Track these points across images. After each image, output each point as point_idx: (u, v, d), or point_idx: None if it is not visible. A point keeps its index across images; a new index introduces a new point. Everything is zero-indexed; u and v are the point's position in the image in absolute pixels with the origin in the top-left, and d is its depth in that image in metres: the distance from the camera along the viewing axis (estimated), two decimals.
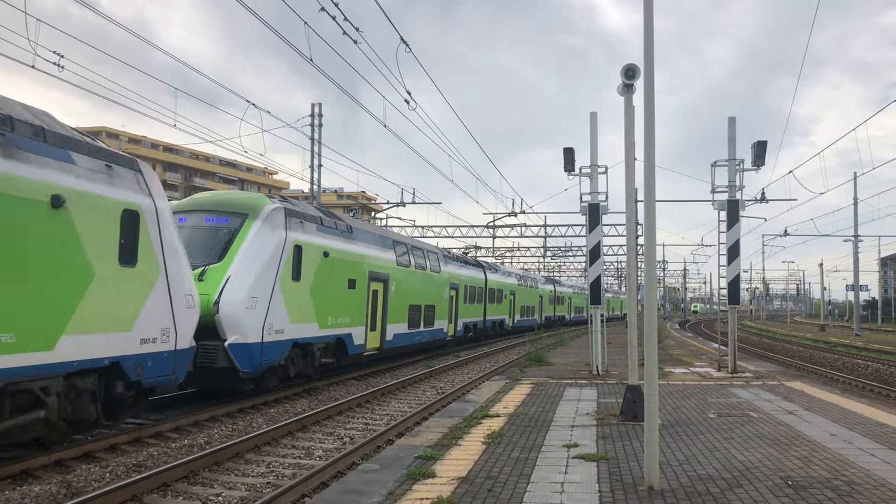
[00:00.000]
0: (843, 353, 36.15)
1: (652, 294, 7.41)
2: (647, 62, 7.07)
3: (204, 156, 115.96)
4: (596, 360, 17.74)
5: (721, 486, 6.75)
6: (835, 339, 48.77)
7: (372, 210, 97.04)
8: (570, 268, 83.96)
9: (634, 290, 12.63)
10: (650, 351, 6.96)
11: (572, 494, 6.47)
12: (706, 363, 21.28)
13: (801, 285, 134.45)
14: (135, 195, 10.52)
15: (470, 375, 20.98)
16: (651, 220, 7.25)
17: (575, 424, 10.23)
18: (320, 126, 29.95)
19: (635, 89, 10.77)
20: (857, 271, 56.58)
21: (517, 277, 44.79)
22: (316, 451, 10.52)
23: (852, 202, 51.87)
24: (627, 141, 10.87)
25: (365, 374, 20.37)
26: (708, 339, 41.25)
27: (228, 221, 14.76)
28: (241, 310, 13.63)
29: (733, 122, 17.48)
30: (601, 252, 17.42)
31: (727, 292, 17.54)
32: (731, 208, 17.34)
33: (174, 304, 11.18)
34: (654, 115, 7.08)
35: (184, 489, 8.27)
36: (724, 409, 11.75)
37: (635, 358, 10.75)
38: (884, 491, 6.60)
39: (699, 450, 8.45)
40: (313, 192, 30.55)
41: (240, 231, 14.51)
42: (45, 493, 7.75)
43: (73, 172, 9.35)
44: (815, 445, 8.72)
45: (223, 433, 11.55)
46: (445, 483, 6.87)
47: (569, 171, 17.13)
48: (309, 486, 8.13)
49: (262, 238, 14.63)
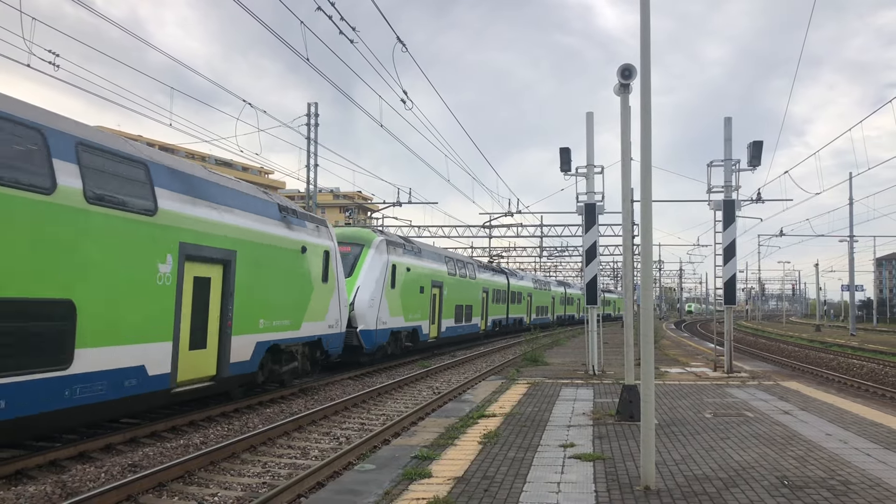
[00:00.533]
0: (838, 353, 36.23)
1: (648, 294, 7.41)
2: (644, 62, 7.07)
3: (200, 155, 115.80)
4: (592, 360, 17.74)
5: (717, 486, 6.76)
6: (830, 339, 48.87)
7: (368, 210, 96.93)
8: (566, 268, 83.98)
9: (630, 290, 12.63)
10: (646, 351, 6.96)
11: (568, 494, 6.47)
12: (702, 363, 21.30)
13: (797, 285, 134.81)
14: (327, 241, 17.43)
15: (466, 375, 20.97)
16: (647, 220, 7.25)
17: (571, 424, 10.22)
18: (316, 126, 29.92)
19: (632, 89, 10.78)
20: (852, 271, 56.71)
21: (533, 281, 51.12)
22: (312, 451, 10.51)
23: (848, 202, 51.98)
24: (624, 141, 10.87)
25: (361, 374, 20.35)
26: (704, 339, 41.30)
27: (352, 249, 21.67)
28: (365, 308, 20.71)
29: (729, 122, 17.50)
30: (597, 252, 17.42)
31: (723, 292, 17.56)
32: (727, 208, 17.36)
33: (341, 305, 18.01)
34: (650, 115, 7.08)
35: (179, 489, 8.25)
36: (720, 408, 11.77)
37: (631, 358, 10.75)
38: (879, 490, 6.61)
39: (695, 450, 8.45)
40: (309, 192, 30.50)
41: (360, 255, 21.59)
42: (40, 493, 7.72)
43: (307, 232, 16.31)
44: (811, 445, 8.73)
45: (219, 433, 11.53)
46: (442, 483, 6.86)
47: (565, 170, 17.12)
48: (305, 486, 8.11)
49: (374, 260, 21.74)
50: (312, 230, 16.58)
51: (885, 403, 16.80)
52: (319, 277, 16.63)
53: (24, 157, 8.64)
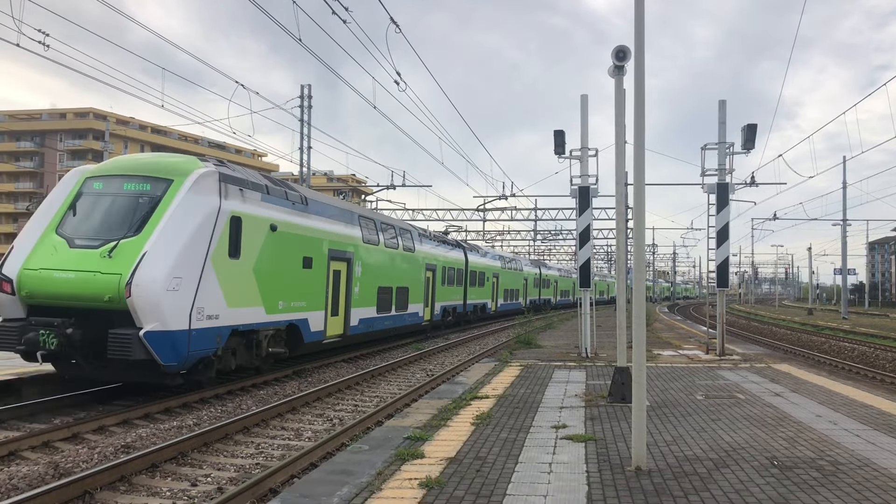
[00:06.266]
0: (830, 336, 36.46)
1: (641, 277, 7.41)
2: (638, 44, 7.03)
3: (192, 138, 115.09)
4: (585, 343, 17.80)
5: (708, 467, 6.80)
6: (822, 322, 49.16)
7: (362, 193, 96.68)
8: (560, 251, 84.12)
9: (624, 274, 12.65)
10: (638, 333, 6.98)
11: (560, 475, 6.51)
12: (694, 346, 21.40)
13: (790, 269, 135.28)
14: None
15: (459, 358, 21.04)
16: (641, 203, 7.24)
17: (563, 406, 10.27)
18: (310, 108, 29.76)
19: (626, 71, 10.73)
20: (845, 255, 56.96)
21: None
22: (305, 432, 10.54)
23: (841, 186, 52.10)
24: (618, 123, 10.83)
25: (355, 356, 20.39)
26: (696, 323, 41.48)
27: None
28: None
29: (723, 105, 17.45)
30: (591, 235, 17.43)
31: (716, 275, 17.60)
32: (720, 192, 17.36)
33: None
34: (644, 97, 7.05)
35: (172, 470, 8.27)
36: (711, 391, 11.83)
37: (624, 340, 10.79)
38: (868, 471, 6.67)
39: (686, 431, 8.50)
40: (303, 175, 30.39)
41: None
42: (33, 473, 7.72)
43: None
44: (801, 426, 8.79)
45: (212, 414, 11.54)
46: (434, 463, 6.89)
47: (559, 153, 17.07)
48: (298, 467, 8.14)
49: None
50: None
51: (876, 386, 16.93)
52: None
53: None
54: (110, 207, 12.43)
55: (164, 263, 11.58)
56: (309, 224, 16.76)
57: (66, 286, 11.54)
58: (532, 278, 54.00)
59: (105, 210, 12.43)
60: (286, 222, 15.56)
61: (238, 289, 13.62)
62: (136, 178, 12.72)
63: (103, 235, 11.97)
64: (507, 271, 44.49)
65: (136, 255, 11.53)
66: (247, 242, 13.88)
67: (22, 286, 11.72)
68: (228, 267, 13.26)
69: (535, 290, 55.56)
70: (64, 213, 12.47)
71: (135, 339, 11.12)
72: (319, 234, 17.35)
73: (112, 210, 12.40)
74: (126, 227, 12.05)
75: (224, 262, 13.11)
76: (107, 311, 11.45)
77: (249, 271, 14.07)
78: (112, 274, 11.42)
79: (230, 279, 13.31)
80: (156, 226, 11.94)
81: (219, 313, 12.93)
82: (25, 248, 12.12)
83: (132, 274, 11.32)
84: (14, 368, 13.27)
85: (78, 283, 11.50)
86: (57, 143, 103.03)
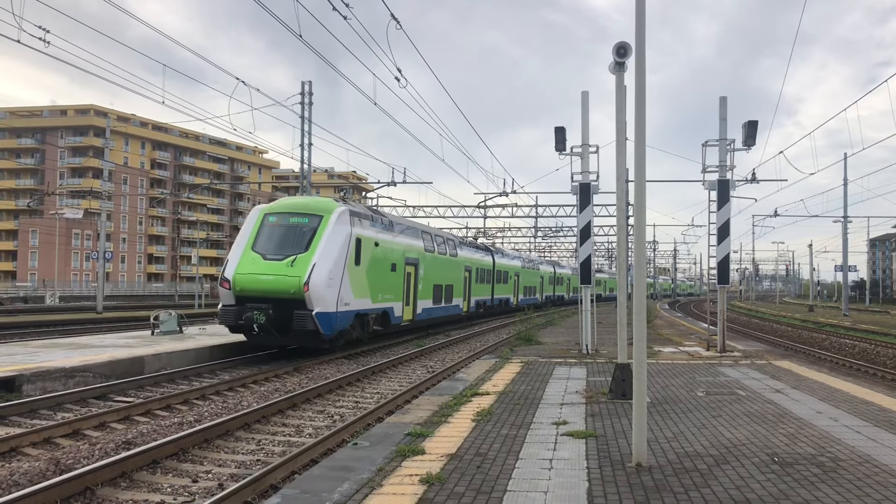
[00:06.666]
0: (830, 333, 36.46)
1: (641, 274, 7.41)
2: (639, 40, 7.01)
3: (193, 134, 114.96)
4: (585, 340, 17.81)
5: (708, 463, 6.81)
6: (823, 319, 49.15)
7: (363, 190, 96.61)
8: (560, 248, 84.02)
9: (625, 270, 12.64)
10: (639, 330, 6.97)
11: (560, 471, 6.51)
12: (695, 343, 21.41)
13: (791, 266, 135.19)
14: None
15: (460, 354, 21.05)
16: (641, 200, 7.24)
17: (564, 402, 10.27)
18: (310, 104, 29.73)
19: (626, 67, 10.70)
20: (846, 252, 56.92)
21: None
22: (306, 428, 10.55)
23: (842, 183, 52.03)
24: (619, 120, 10.80)
25: (355, 353, 20.41)
26: (697, 319, 41.48)
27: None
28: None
29: (724, 101, 17.42)
30: (592, 232, 17.42)
31: (717, 272, 17.59)
32: (721, 188, 17.34)
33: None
34: (644, 94, 7.04)
35: (173, 466, 8.28)
36: (712, 387, 11.84)
37: (624, 336, 10.78)
38: (868, 467, 6.67)
39: (687, 427, 8.51)
40: (303, 172, 30.38)
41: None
42: (34, 469, 7.74)
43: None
44: (802, 423, 8.80)
45: (213, 411, 11.56)
46: (435, 460, 6.89)
47: (560, 150, 17.06)
48: (298, 463, 8.15)
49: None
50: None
51: (876, 382, 16.93)
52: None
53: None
54: (285, 233, 18.68)
55: (325, 270, 17.85)
56: (394, 240, 23.26)
57: (265, 284, 17.69)
58: (547, 276, 60.19)
59: (282, 235, 18.65)
60: (383, 239, 22.00)
61: (359, 286, 19.83)
62: (299, 215, 18.96)
63: (284, 252, 18.18)
64: (526, 271, 50.71)
65: (308, 265, 17.70)
66: (363, 254, 20.16)
67: (235, 284, 17.89)
68: (354, 271, 19.46)
69: (550, 287, 61.83)
70: (255, 236, 18.74)
71: (309, 317, 17.35)
72: (400, 246, 23.78)
73: (287, 235, 18.63)
74: (299, 247, 18.26)
75: (352, 268, 19.28)
76: (290, 300, 17.43)
77: (364, 274, 20.27)
78: (295, 277, 17.58)
79: (355, 279, 19.50)
80: (317, 246, 18.17)
81: (350, 302, 19.12)
82: (235, 260, 18.38)
83: (308, 277, 17.48)
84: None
85: (273, 282, 17.67)
86: (58, 140, 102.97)
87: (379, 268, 21.49)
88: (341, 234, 18.83)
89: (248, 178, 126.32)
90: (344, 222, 19.14)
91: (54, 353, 15.51)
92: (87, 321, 31.19)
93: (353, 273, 19.31)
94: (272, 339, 18.06)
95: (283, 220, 18.90)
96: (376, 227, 21.75)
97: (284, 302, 17.44)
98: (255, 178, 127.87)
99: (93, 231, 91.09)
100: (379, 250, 21.47)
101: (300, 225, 18.76)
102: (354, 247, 19.41)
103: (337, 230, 18.72)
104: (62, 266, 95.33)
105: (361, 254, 19.90)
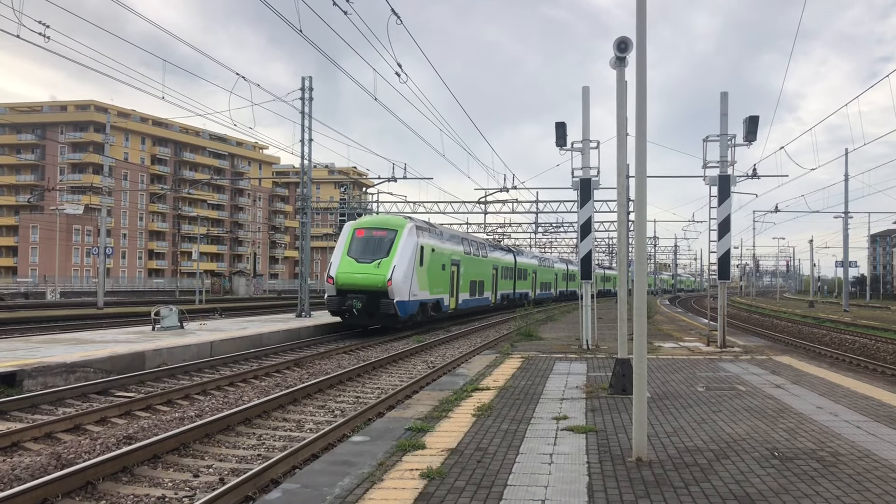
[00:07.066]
0: (831, 328, 36.46)
1: (642, 269, 7.41)
2: (640, 35, 7.00)
3: (194, 130, 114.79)
4: (586, 335, 17.82)
5: (708, 458, 6.82)
6: (823, 314, 49.15)
7: (363, 185, 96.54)
8: (561, 244, 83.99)
9: (625, 266, 12.64)
10: (639, 325, 6.98)
11: (561, 465, 6.52)
12: (696, 338, 21.42)
13: (791, 262, 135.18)
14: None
15: (461, 350, 21.06)
16: (642, 195, 7.23)
17: (564, 397, 10.28)
18: (311, 100, 29.67)
19: (627, 63, 10.68)
20: (846, 248, 56.88)
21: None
22: (307, 423, 10.56)
23: (843, 179, 51.96)
24: (620, 115, 10.78)
25: (355, 347, 20.42)
26: (697, 315, 41.48)
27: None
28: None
29: (725, 97, 17.39)
30: (592, 227, 17.40)
31: (717, 268, 17.59)
32: (722, 184, 17.33)
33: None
34: (646, 89, 7.03)
35: (174, 461, 8.30)
36: (712, 382, 11.85)
37: (625, 332, 10.79)
38: (868, 462, 6.68)
39: (687, 422, 8.52)
40: (304, 167, 30.36)
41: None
42: (36, 464, 7.75)
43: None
44: (802, 418, 8.80)
45: (214, 406, 11.57)
46: (435, 454, 6.91)
47: (561, 145, 17.03)
48: (299, 458, 8.16)
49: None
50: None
51: (877, 377, 16.93)
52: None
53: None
54: (371, 243, 25.25)
55: (401, 270, 24.52)
56: (443, 246, 29.80)
57: (360, 280, 24.39)
58: (561, 273, 66.09)
59: (369, 244, 25.24)
60: (437, 246, 28.62)
61: (422, 282, 26.48)
62: (380, 229, 25.69)
63: (372, 257, 24.89)
64: (543, 268, 57.50)
65: (390, 266, 24.36)
66: (425, 258, 26.75)
67: (337, 280, 24.59)
68: (419, 271, 26.05)
69: (564, 283, 67.80)
70: (349, 245, 25.45)
71: (391, 304, 24.01)
72: (448, 251, 30.30)
73: (372, 244, 25.20)
74: (382, 253, 24.88)
75: (418, 268, 25.86)
76: (377, 292, 24.07)
77: (425, 272, 26.85)
78: (381, 275, 24.23)
79: (420, 277, 26.10)
80: (395, 252, 24.78)
81: (417, 294, 25.85)
82: (336, 263, 25.18)
83: (390, 275, 24.14)
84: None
85: (365, 279, 24.33)
86: (58, 136, 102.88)
87: (435, 268, 28.01)
88: (411, 243, 25.33)
89: (248, 173, 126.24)
90: (412, 234, 25.64)
91: (55, 349, 15.54)
92: (88, 317, 31.21)
93: (419, 272, 25.94)
94: (363, 321, 24.78)
95: (368, 234, 25.46)
96: (432, 236, 28.32)
97: (373, 293, 24.00)
98: (256, 174, 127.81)
99: (93, 227, 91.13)
100: (435, 255, 27.98)
101: (381, 237, 25.20)
102: (419, 252, 25.91)
103: (408, 240, 25.22)
104: (63, 262, 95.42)
105: (424, 257, 26.51)
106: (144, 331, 20.79)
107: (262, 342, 20.01)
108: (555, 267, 62.97)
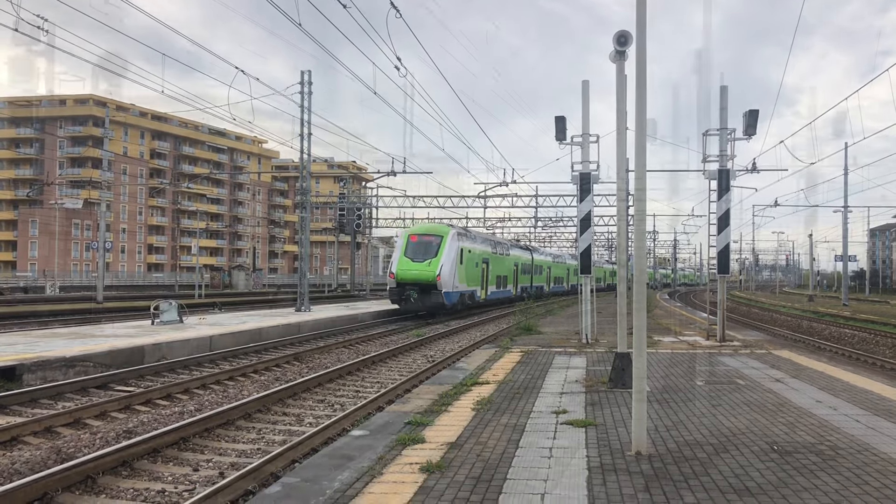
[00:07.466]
0: (830, 322, 36.49)
1: (642, 263, 7.40)
2: (640, 29, 6.98)
3: (193, 124, 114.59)
4: (585, 329, 17.82)
5: (708, 452, 6.82)
6: (823, 308, 49.17)
7: (363, 180, 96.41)
8: (560, 238, 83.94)
9: (625, 260, 12.64)
10: (639, 319, 6.97)
11: (560, 459, 6.53)
12: (695, 332, 21.43)
13: (791, 256, 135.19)
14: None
15: (460, 344, 21.07)
16: (641, 189, 7.22)
17: (564, 391, 10.29)
18: (310, 94, 29.62)
19: (627, 56, 10.65)
20: (845, 242, 56.90)
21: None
22: (306, 417, 10.57)
23: (842, 173, 51.94)
24: (619, 109, 10.76)
25: (354, 341, 20.43)
26: (697, 309, 41.51)
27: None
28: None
29: (725, 90, 17.35)
30: (592, 221, 17.39)
31: (717, 262, 17.58)
32: (721, 178, 17.31)
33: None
34: (645, 83, 7.02)
35: (174, 455, 8.30)
36: (712, 376, 11.85)
37: (624, 326, 10.79)
38: (867, 455, 6.69)
39: (687, 416, 8.52)
40: (303, 161, 30.32)
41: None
42: (35, 458, 7.76)
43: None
44: (801, 412, 8.81)
45: (214, 400, 11.58)
46: (435, 448, 6.91)
47: (560, 139, 17.00)
48: (299, 452, 8.17)
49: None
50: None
51: (876, 371, 16.95)
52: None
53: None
54: (422, 246, 31.29)
55: (447, 268, 30.51)
56: (476, 247, 35.83)
57: (414, 275, 30.22)
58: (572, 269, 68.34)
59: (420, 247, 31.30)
60: (472, 247, 34.79)
61: (461, 276, 32.38)
62: (429, 235, 31.80)
63: (423, 257, 30.79)
64: (556, 264, 63.67)
65: (438, 265, 30.33)
66: (464, 257, 32.64)
67: (397, 276, 30.52)
68: (459, 268, 31.94)
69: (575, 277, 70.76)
70: (405, 248, 31.65)
71: (440, 294, 29.99)
72: (479, 250, 36.38)
73: (423, 247, 31.26)
74: (431, 254, 30.85)
75: (458, 266, 31.79)
76: (428, 285, 29.94)
77: (464, 269, 32.70)
78: (431, 272, 30.06)
79: (460, 273, 32.01)
80: (442, 253, 30.79)
81: (458, 286, 31.90)
82: (395, 262, 31.37)
83: (439, 271, 30.07)
84: None
85: (418, 275, 30.16)
86: (57, 130, 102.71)
87: (470, 265, 34.12)
88: (454, 246, 31.48)
89: (247, 167, 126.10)
90: (455, 239, 31.73)
91: (55, 343, 15.54)
92: (88, 311, 31.21)
93: (459, 269, 31.89)
94: (417, 308, 30.52)
95: (420, 239, 31.60)
96: (468, 239, 34.58)
97: (425, 286, 29.97)
98: (255, 168, 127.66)
99: (93, 221, 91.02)
100: (470, 255, 34.09)
101: (430, 241, 31.41)
102: (459, 253, 31.95)
103: (451, 244, 31.34)
104: (62, 256, 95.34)
105: (463, 257, 32.50)
106: (144, 325, 20.80)
107: (261, 336, 20.02)
108: (567, 263, 68.38)
